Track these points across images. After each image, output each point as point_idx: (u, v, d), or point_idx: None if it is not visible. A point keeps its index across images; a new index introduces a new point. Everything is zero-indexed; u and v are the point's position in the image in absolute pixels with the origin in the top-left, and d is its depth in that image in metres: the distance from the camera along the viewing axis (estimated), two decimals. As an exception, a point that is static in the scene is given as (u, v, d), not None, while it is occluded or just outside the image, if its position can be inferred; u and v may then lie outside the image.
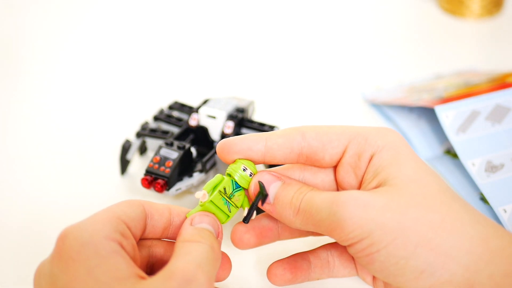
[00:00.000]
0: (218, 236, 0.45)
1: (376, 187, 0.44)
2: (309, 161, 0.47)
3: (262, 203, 0.46)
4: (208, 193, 0.46)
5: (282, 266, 0.49)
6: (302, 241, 0.52)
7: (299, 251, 0.50)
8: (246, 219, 0.47)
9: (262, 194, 0.46)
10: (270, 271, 0.49)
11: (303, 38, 0.84)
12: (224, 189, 0.46)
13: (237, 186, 0.47)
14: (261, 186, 0.46)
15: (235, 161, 0.47)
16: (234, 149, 0.46)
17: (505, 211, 0.54)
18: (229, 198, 0.46)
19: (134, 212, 0.44)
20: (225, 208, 0.46)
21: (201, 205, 0.46)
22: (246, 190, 0.47)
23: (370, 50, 0.82)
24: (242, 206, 0.47)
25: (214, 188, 0.46)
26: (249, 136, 0.47)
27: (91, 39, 0.85)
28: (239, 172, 0.46)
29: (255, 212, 0.47)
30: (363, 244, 0.42)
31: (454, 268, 0.42)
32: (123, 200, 0.45)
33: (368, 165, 0.45)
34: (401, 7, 0.90)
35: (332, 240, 0.50)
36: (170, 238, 0.47)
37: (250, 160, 0.47)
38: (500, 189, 0.56)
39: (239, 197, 0.47)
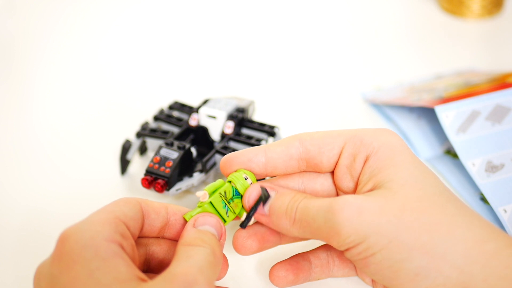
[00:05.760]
0: (221, 237, 0.45)
1: (371, 190, 0.44)
2: (310, 167, 0.47)
3: (264, 203, 0.46)
4: (208, 194, 0.46)
5: (285, 267, 0.49)
6: (301, 241, 0.52)
7: (299, 251, 0.50)
8: (243, 224, 0.47)
9: (264, 196, 0.46)
10: (273, 273, 0.49)
11: (303, 38, 0.84)
12: (225, 193, 0.46)
13: (236, 193, 0.47)
14: (263, 188, 0.46)
15: (237, 170, 0.47)
16: (235, 161, 0.47)
17: (505, 211, 0.54)
18: (228, 202, 0.46)
19: (132, 211, 0.44)
20: (223, 212, 0.46)
21: (200, 206, 0.46)
22: None
23: (370, 50, 0.81)
24: (239, 214, 0.47)
25: (215, 190, 0.46)
26: (249, 149, 0.47)
27: (92, 39, 0.85)
28: (240, 179, 0.47)
29: (253, 218, 0.47)
30: (359, 249, 0.42)
31: (449, 271, 0.42)
32: (120, 198, 0.44)
33: (363, 166, 0.46)
34: (401, 7, 0.90)
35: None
36: (166, 237, 0.46)
37: (251, 171, 0.47)
38: (500, 189, 0.56)
39: (237, 204, 0.47)
